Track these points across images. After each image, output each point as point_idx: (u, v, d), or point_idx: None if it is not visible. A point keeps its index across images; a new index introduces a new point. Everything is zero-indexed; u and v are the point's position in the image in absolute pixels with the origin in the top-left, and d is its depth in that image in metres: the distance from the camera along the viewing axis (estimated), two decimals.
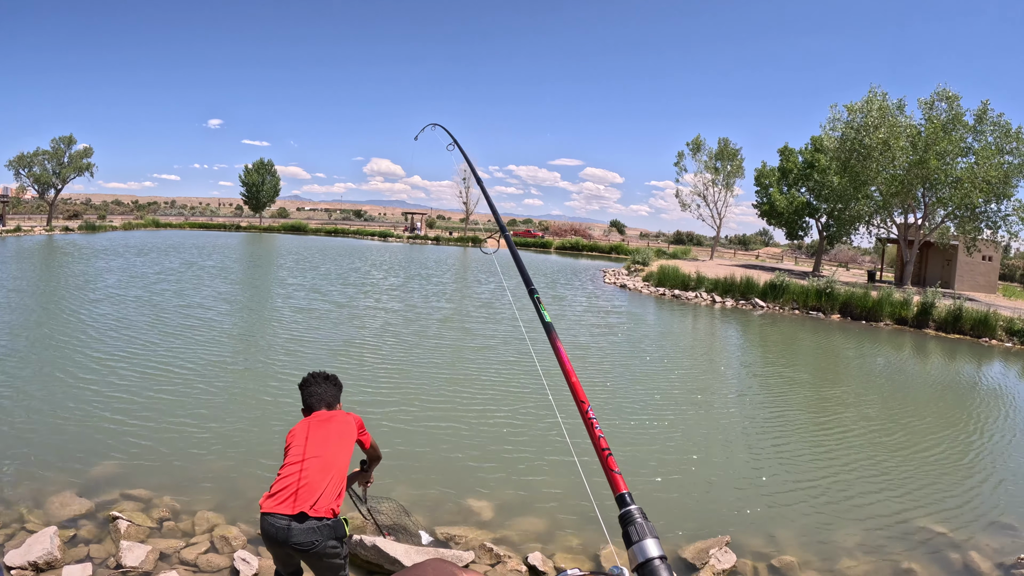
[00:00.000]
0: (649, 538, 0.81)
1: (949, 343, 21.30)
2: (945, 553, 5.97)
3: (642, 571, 0.77)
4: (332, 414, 3.70)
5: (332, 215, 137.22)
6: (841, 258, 66.36)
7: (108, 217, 72.67)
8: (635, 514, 0.87)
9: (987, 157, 30.27)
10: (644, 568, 0.77)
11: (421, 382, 10.81)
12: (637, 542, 0.81)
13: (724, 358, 15.58)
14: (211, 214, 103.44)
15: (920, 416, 11.24)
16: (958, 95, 31.75)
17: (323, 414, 3.68)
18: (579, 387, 1.19)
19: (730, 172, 52.71)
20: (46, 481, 6.05)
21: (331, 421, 3.65)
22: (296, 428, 3.64)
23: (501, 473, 7.13)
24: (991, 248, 36.42)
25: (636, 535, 0.82)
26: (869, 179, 33.17)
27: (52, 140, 57.69)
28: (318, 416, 3.67)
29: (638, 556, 0.79)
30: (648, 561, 0.78)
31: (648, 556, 0.78)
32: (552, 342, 1.30)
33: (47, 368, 10.25)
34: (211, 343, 12.68)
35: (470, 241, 68.86)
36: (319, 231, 75.40)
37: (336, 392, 3.84)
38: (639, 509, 0.88)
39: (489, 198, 2.16)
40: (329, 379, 3.86)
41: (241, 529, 5.41)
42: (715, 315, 24.02)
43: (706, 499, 6.86)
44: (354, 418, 3.77)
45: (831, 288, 25.97)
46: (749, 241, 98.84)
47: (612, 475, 0.97)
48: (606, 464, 0.99)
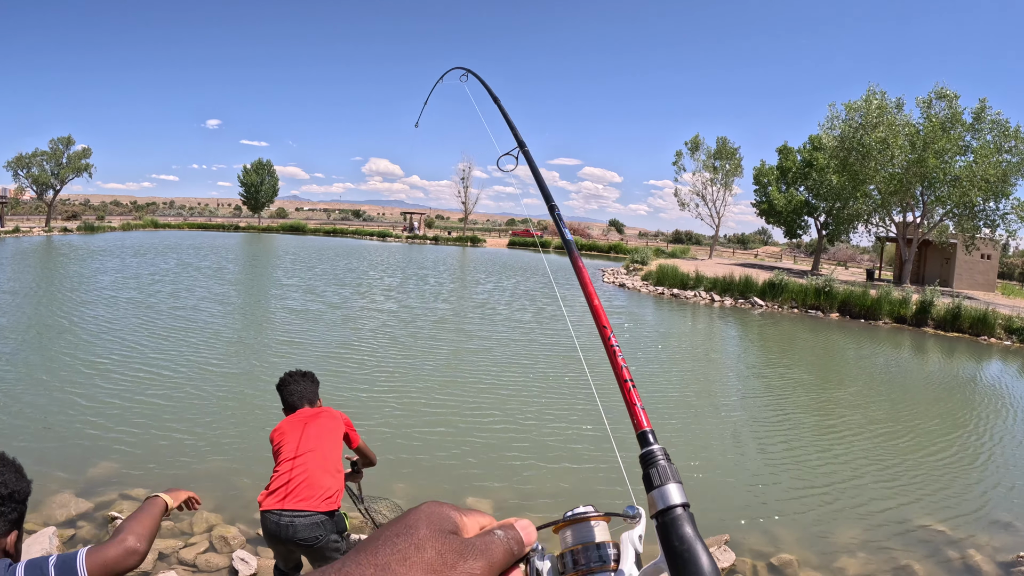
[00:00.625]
0: (672, 483, 0.73)
1: (948, 341, 21.31)
2: (944, 551, 5.97)
3: (662, 519, 0.70)
4: (318, 410, 3.72)
5: (331, 215, 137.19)
6: (840, 257, 66.41)
7: (107, 218, 72.60)
8: (658, 454, 0.77)
9: (986, 155, 30.28)
10: (665, 516, 0.69)
11: (419, 382, 10.80)
12: (659, 487, 0.73)
13: (723, 357, 15.58)
14: (210, 214, 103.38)
15: (919, 414, 11.24)
16: (956, 93, 31.79)
17: (308, 411, 3.69)
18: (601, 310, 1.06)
19: (729, 171, 52.66)
20: (44, 482, 6.04)
21: (319, 417, 3.65)
22: (283, 426, 3.63)
23: (500, 472, 7.13)
24: (990, 246, 36.45)
25: (658, 478, 0.73)
26: (868, 178, 33.19)
27: (51, 141, 57.66)
28: (304, 412, 3.67)
29: (658, 503, 0.71)
30: (670, 508, 0.70)
31: (670, 503, 0.70)
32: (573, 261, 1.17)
33: (43, 370, 10.24)
34: (208, 345, 12.66)
35: (469, 241, 68.84)
36: (318, 231, 75.33)
37: (315, 388, 3.84)
38: (662, 450, 0.78)
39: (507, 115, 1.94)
40: (306, 376, 3.86)
41: (240, 529, 5.41)
42: (714, 314, 24.02)
43: (705, 498, 6.85)
44: (340, 415, 3.77)
45: (830, 287, 25.98)
46: (748, 240, 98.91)
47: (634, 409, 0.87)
48: (628, 397, 0.90)
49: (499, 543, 0.54)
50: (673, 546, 0.66)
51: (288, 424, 3.62)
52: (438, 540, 0.50)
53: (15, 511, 1.66)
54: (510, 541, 0.55)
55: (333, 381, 10.11)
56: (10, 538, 1.64)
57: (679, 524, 0.68)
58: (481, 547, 0.52)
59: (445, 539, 0.50)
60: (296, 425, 3.59)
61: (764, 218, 47.58)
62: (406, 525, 0.51)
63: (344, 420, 3.75)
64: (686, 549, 0.65)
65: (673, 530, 0.67)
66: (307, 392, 3.78)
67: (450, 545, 0.50)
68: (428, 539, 0.50)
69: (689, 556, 0.64)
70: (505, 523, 0.58)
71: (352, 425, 3.82)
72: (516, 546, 0.55)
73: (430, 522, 0.52)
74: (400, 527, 0.51)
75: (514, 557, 0.55)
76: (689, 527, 0.67)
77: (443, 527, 0.52)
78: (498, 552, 0.53)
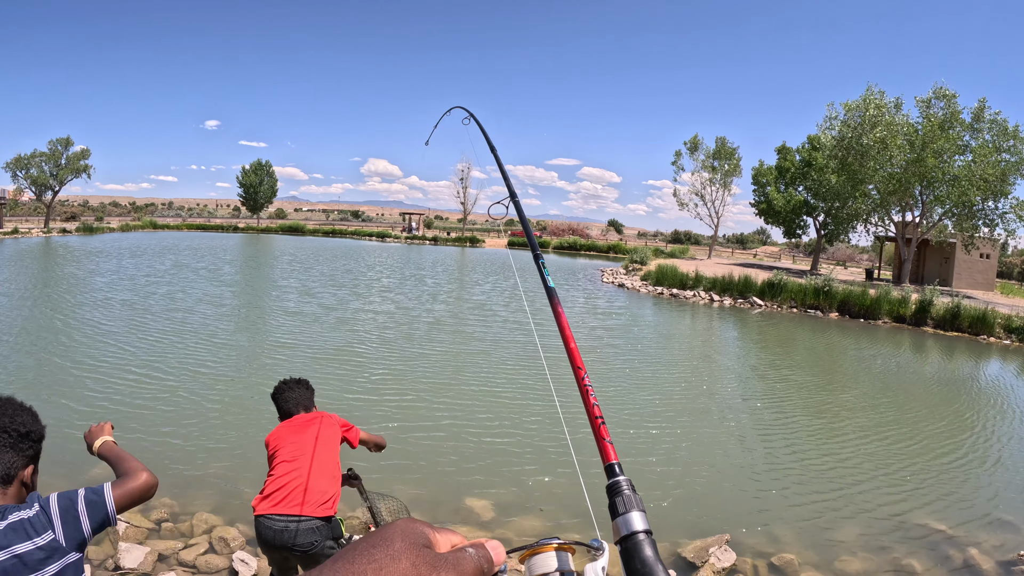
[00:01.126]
0: (635, 511, 0.77)
1: (947, 341, 21.32)
2: (945, 550, 5.97)
3: (625, 544, 0.74)
4: (314, 415, 3.71)
5: (330, 216, 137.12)
6: (839, 256, 66.44)
7: (106, 219, 72.55)
8: (623, 485, 0.82)
9: (984, 155, 30.30)
10: (627, 541, 0.74)
11: (419, 384, 10.80)
12: (623, 514, 0.77)
13: (723, 357, 15.58)
14: (208, 215, 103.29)
15: (918, 414, 11.24)
16: (955, 93, 31.81)
17: (303, 417, 3.69)
18: (576, 353, 1.13)
19: (728, 171, 52.66)
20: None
21: (315, 423, 3.64)
22: (280, 431, 3.63)
23: (500, 473, 7.12)
24: (989, 246, 36.47)
25: (623, 507, 0.78)
26: (867, 177, 33.21)
27: (49, 142, 57.62)
28: (300, 419, 3.67)
29: (622, 529, 0.76)
30: (632, 535, 0.75)
31: (632, 529, 0.75)
32: (554, 307, 1.26)
33: (40, 369, 10.23)
34: (206, 347, 12.66)
35: (468, 241, 68.82)
36: (317, 232, 75.27)
37: (310, 395, 3.86)
38: (628, 481, 0.82)
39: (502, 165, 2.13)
40: (301, 383, 3.88)
41: (240, 530, 5.40)
42: (713, 314, 24.02)
43: (706, 497, 6.85)
44: (336, 419, 3.76)
45: (829, 286, 25.99)
46: (747, 240, 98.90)
47: (603, 443, 0.91)
48: (598, 432, 0.94)
49: (470, 559, 0.56)
50: (635, 568, 0.71)
51: (284, 429, 3.62)
52: (412, 552, 0.52)
53: (31, 448, 1.91)
54: (480, 559, 0.57)
55: (327, 384, 10.12)
56: (27, 471, 1.89)
57: (641, 548, 0.73)
58: (453, 561, 0.54)
59: (419, 552, 0.53)
60: (292, 430, 3.59)
61: (763, 218, 47.60)
62: (382, 538, 0.54)
63: (341, 424, 3.75)
64: (647, 572, 0.71)
65: (636, 554, 0.72)
66: (302, 399, 3.79)
67: (423, 557, 0.53)
68: (403, 551, 0.52)
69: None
70: (476, 542, 0.60)
71: (349, 426, 3.81)
72: (486, 564, 0.57)
73: (405, 536, 0.54)
74: (376, 539, 0.53)
75: (482, 574, 0.57)
76: (650, 550, 0.72)
77: (417, 541, 0.54)
78: (469, 568, 0.55)
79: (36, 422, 1.96)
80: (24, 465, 1.87)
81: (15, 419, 1.89)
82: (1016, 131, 30.41)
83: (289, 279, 26.21)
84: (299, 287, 23.49)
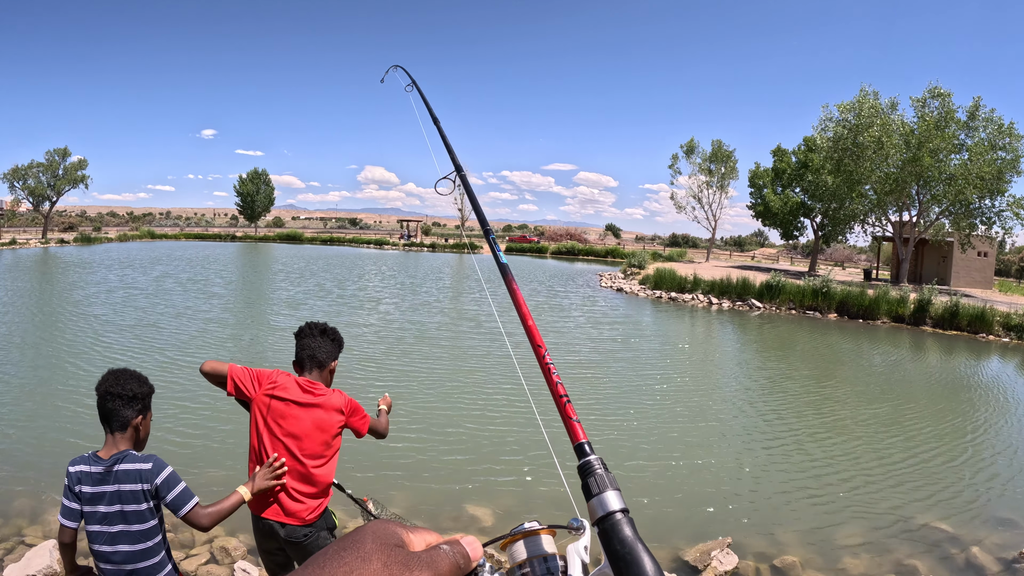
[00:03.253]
0: (610, 490, 0.74)
1: (946, 339, 21.34)
2: (947, 549, 5.97)
3: (602, 525, 0.72)
4: (315, 396, 3.24)
5: (327, 224, 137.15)
6: (837, 257, 66.52)
7: (103, 229, 72.56)
8: (595, 464, 0.79)
9: (980, 153, 30.37)
10: (604, 522, 0.71)
11: (417, 391, 10.79)
12: (597, 495, 0.74)
13: (723, 360, 15.58)
14: (206, 224, 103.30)
15: (919, 413, 11.25)
16: (950, 92, 31.89)
17: (302, 389, 3.24)
18: (535, 330, 1.09)
19: (724, 174, 52.74)
20: (44, 495, 6.02)
21: (308, 414, 3.21)
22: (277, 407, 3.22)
23: (500, 479, 7.11)
24: (986, 244, 36.54)
25: (596, 487, 0.75)
26: (863, 178, 33.26)
27: (47, 152, 57.61)
28: (298, 389, 3.24)
29: (598, 510, 0.73)
30: (609, 515, 0.72)
31: (608, 509, 0.72)
32: (508, 283, 1.23)
33: (38, 383, 10.21)
34: (201, 355, 12.64)
35: (466, 248, 68.86)
36: (315, 240, 75.30)
37: (332, 349, 3.39)
38: (599, 459, 0.79)
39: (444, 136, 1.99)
40: (326, 333, 3.41)
41: (241, 540, 5.39)
42: (712, 317, 24.03)
43: (707, 501, 6.85)
44: (340, 404, 3.28)
45: (827, 287, 26.01)
46: (745, 242, 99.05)
47: (570, 423, 0.88)
48: (564, 411, 0.92)
49: (445, 557, 0.55)
50: (615, 550, 0.68)
51: (278, 402, 3.22)
52: (383, 553, 0.51)
53: (140, 404, 2.66)
54: (456, 555, 0.56)
55: None
56: (137, 419, 2.66)
57: (619, 528, 0.70)
58: (427, 559, 0.53)
59: (391, 552, 0.52)
60: (283, 415, 3.21)
61: (760, 220, 47.64)
62: (353, 540, 0.52)
63: (347, 408, 3.30)
64: (628, 552, 0.68)
65: (614, 535, 0.69)
66: (319, 351, 3.33)
67: (395, 557, 0.51)
68: (374, 552, 0.51)
69: (631, 558, 0.67)
70: (451, 539, 0.59)
71: (358, 409, 3.36)
72: (462, 560, 0.56)
73: (376, 537, 0.53)
74: (347, 542, 0.52)
75: (460, 572, 0.56)
76: (629, 530, 0.70)
77: (388, 541, 0.53)
78: (444, 565, 0.54)
79: (143, 385, 2.69)
80: (135, 416, 2.63)
81: (126, 386, 2.62)
82: (1011, 128, 30.49)
83: (277, 290, 26.10)
84: (287, 299, 23.01)
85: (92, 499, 2.55)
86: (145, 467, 2.56)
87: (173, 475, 2.63)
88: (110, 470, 2.54)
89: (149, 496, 2.57)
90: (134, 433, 2.66)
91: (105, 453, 2.59)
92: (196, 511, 2.64)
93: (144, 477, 2.55)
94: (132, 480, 2.54)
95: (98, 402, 2.64)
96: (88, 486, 2.55)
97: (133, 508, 2.55)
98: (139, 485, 2.54)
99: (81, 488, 2.56)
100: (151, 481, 2.56)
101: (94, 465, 2.56)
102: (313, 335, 3.37)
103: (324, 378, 3.36)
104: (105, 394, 2.62)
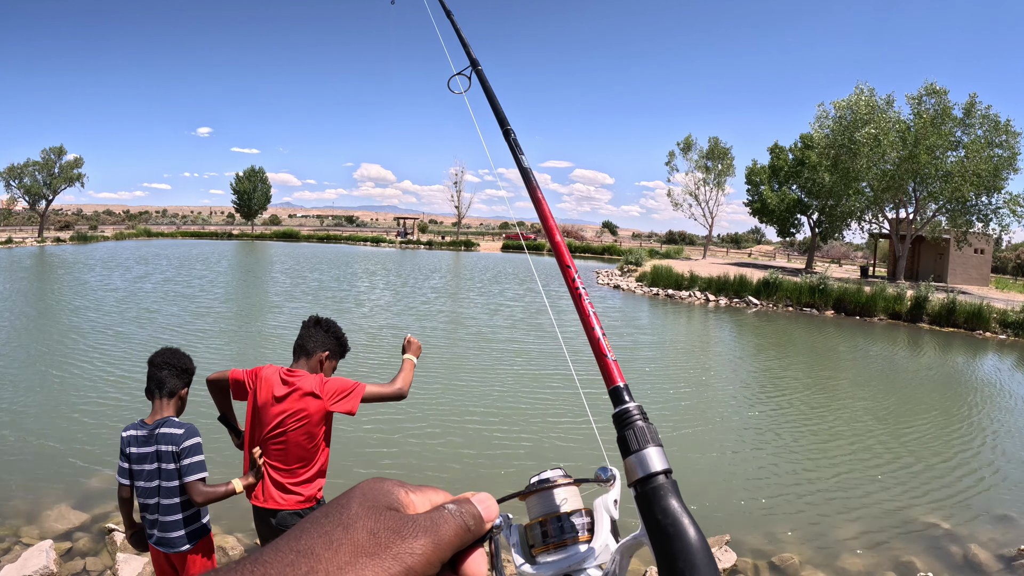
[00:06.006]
0: (652, 446, 0.62)
1: (943, 336, 21.38)
2: (945, 546, 5.97)
3: (642, 488, 0.59)
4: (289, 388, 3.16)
5: (324, 221, 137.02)
6: (833, 254, 66.64)
7: (100, 227, 72.42)
8: (634, 413, 0.66)
9: (977, 150, 30.43)
10: (644, 485, 0.59)
11: (419, 389, 10.77)
12: (636, 451, 0.62)
13: (719, 357, 15.59)
14: (203, 222, 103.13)
15: (917, 410, 11.26)
16: (946, 89, 31.94)
17: (280, 386, 3.17)
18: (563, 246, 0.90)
19: (721, 171, 52.80)
20: (40, 495, 6.00)
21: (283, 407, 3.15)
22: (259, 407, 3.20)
23: (502, 476, 7.10)
24: (983, 241, 36.61)
25: (635, 441, 0.63)
26: (860, 175, 33.31)
27: (42, 151, 57.55)
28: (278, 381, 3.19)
29: (637, 469, 0.60)
30: (650, 476, 0.59)
31: (650, 470, 0.60)
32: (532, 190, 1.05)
33: (36, 382, 10.18)
34: (196, 356, 12.62)
35: (463, 245, 68.81)
36: (311, 238, 75.28)
37: (322, 340, 3.31)
38: (639, 407, 0.66)
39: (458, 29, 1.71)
40: (320, 324, 3.35)
41: (238, 539, 5.38)
42: (709, 314, 24.05)
43: (705, 498, 6.84)
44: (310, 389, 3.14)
45: (824, 284, 26.04)
46: (741, 239, 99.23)
47: (605, 361, 0.73)
48: (598, 348, 0.75)
49: (449, 519, 0.46)
50: (656, 520, 0.58)
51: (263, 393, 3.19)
52: (371, 518, 0.43)
53: (188, 376, 3.13)
54: (464, 516, 0.47)
55: None
56: (183, 391, 3.10)
57: (662, 495, 0.59)
58: (425, 524, 0.45)
59: (379, 516, 0.44)
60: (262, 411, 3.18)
61: (757, 217, 47.70)
62: (337, 504, 0.45)
63: (322, 390, 3.16)
64: (670, 523, 0.57)
65: (656, 501, 0.59)
66: (308, 341, 3.30)
67: (385, 522, 0.43)
68: (359, 517, 0.43)
69: (675, 531, 0.56)
70: (460, 497, 0.50)
71: (339, 389, 3.17)
72: (472, 522, 0.48)
73: (364, 499, 0.45)
74: (330, 506, 0.45)
75: (470, 534, 0.48)
76: (674, 498, 0.59)
77: (378, 503, 0.45)
78: (447, 529, 0.45)
79: (191, 363, 3.16)
80: (182, 387, 3.09)
81: (180, 360, 3.10)
82: (1008, 126, 30.55)
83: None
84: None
85: (138, 459, 2.96)
86: (178, 432, 2.92)
87: (197, 445, 2.94)
88: (152, 433, 2.93)
89: (177, 457, 2.91)
90: (179, 402, 3.08)
91: (150, 419, 2.99)
92: (196, 484, 2.89)
93: (174, 440, 2.90)
94: (167, 442, 2.91)
95: (150, 371, 3.04)
96: (135, 447, 2.96)
97: (167, 467, 2.91)
98: (171, 447, 2.90)
99: (130, 450, 2.97)
100: (179, 444, 2.90)
101: (140, 429, 2.97)
102: (307, 325, 3.36)
103: (312, 367, 3.28)
104: (162, 364, 3.04)
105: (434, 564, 0.44)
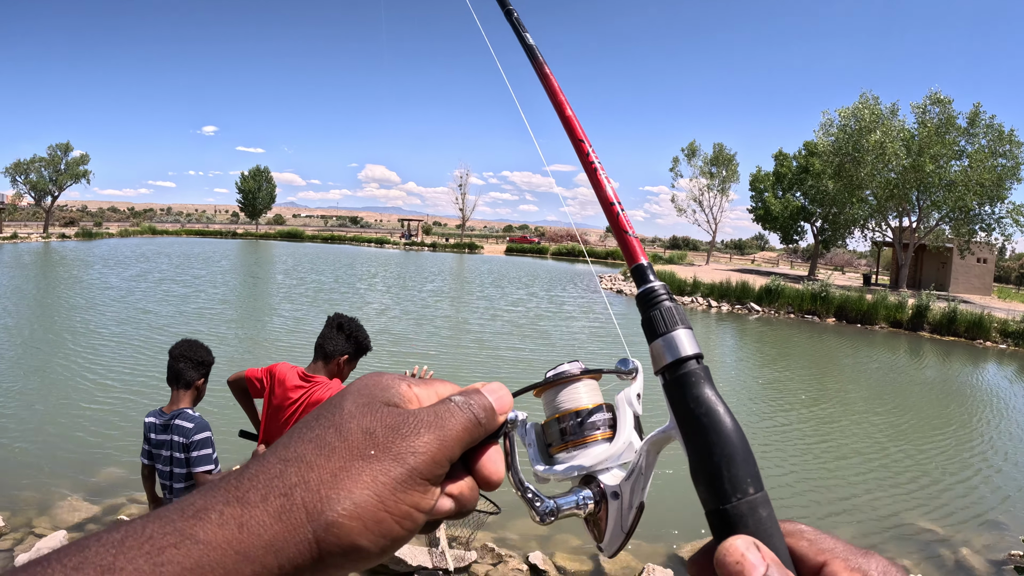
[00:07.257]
0: (681, 328, 0.54)
1: (944, 345, 21.44)
2: (937, 550, 6.08)
3: (671, 375, 0.53)
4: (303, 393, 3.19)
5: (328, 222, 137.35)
6: (837, 262, 66.71)
7: (104, 224, 72.71)
8: (660, 292, 0.58)
9: (980, 160, 30.49)
10: (674, 371, 0.53)
11: None
12: (663, 334, 0.55)
13: (720, 362, 15.68)
14: (207, 221, 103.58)
15: (913, 417, 11.35)
16: (950, 98, 32.02)
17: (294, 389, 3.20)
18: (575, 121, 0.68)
19: (725, 177, 52.87)
20: (54, 486, 6.13)
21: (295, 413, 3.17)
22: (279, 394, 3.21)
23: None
24: (985, 250, 36.65)
25: (663, 323, 0.55)
26: (863, 183, 33.38)
27: (49, 147, 57.89)
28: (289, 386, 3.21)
29: (665, 355, 0.53)
30: (680, 362, 0.53)
31: (681, 354, 0.53)
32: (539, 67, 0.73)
33: (51, 377, 10.32)
34: None
35: (467, 248, 68.97)
36: (316, 238, 75.54)
37: (341, 344, 3.32)
38: (665, 287, 0.58)
39: None
40: (342, 328, 3.35)
41: None
42: (711, 320, 24.14)
43: None
44: (321, 399, 3.07)
45: (826, 292, 26.11)
46: (745, 246, 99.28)
47: (625, 238, 0.61)
48: (616, 223, 0.63)
49: (455, 412, 0.42)
50: (688, 409, 0.51)
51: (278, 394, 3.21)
52: (366, 416, 0.39)
53: (205, 368, 3.23)
54: (473, 408, 0.43)
55: None
56: (199, 381, 3.19)
57: (694, 381, 0.52)
58: (428, 419, 0.40)
59: (376, 413, 0.39)
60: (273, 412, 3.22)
61: (761, 224, 47.79)
62: (331, 404, 0.41)
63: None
64: (704, 412, 0.50)
65: (687, 389, 0.52)
66: (328, 343, 3.29)
67: (382, 420, 0.39)
68: (353, 416, 0.39)
69: (709, 421, 0.50)
70: (469, 388, 0.45)
71: None
72: (483, 414, 0.43)
73: (359, 395, 0.41)
74: (324, 407, 0.41)
75: (481, 429, 0.43)
76: (708, 386, 0.51)
77: (374, 399, 0.40)
78: (454, 423, 0.41)
79: (209, 354, 3.27)
80: (198, 378, 3.19)
81: (198, 352, 3.21)
82: (1011, 135, 30.60)
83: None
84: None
85: (156, 444, 3.15)
86: (188, 426, 3.04)
87: (207, 440, 3.07)
88: (168, 423, 3.09)
89: (187, 449, 3.06)
90: (195, 393, 3.20)
91: (168, 408, 3.16)
92: (203, 476, 3.03)
93: (185, 434, 3.04)
94: (179, 433, 3.05)
95: (170, 363, 3.17)
96: (154, 434, 3.16)
97: (178, 456, 3.07)
98: (181, 439, 3.05)
99: (150, 435, 3.18)
100: (189, 437, 3.03)
101: (159, 418, 3.15)
102: (330, 326, 3.36)
103: (330, 371, 3.31)
104: (179, 356, 3.16)
105: (440, 463, 0.40)
